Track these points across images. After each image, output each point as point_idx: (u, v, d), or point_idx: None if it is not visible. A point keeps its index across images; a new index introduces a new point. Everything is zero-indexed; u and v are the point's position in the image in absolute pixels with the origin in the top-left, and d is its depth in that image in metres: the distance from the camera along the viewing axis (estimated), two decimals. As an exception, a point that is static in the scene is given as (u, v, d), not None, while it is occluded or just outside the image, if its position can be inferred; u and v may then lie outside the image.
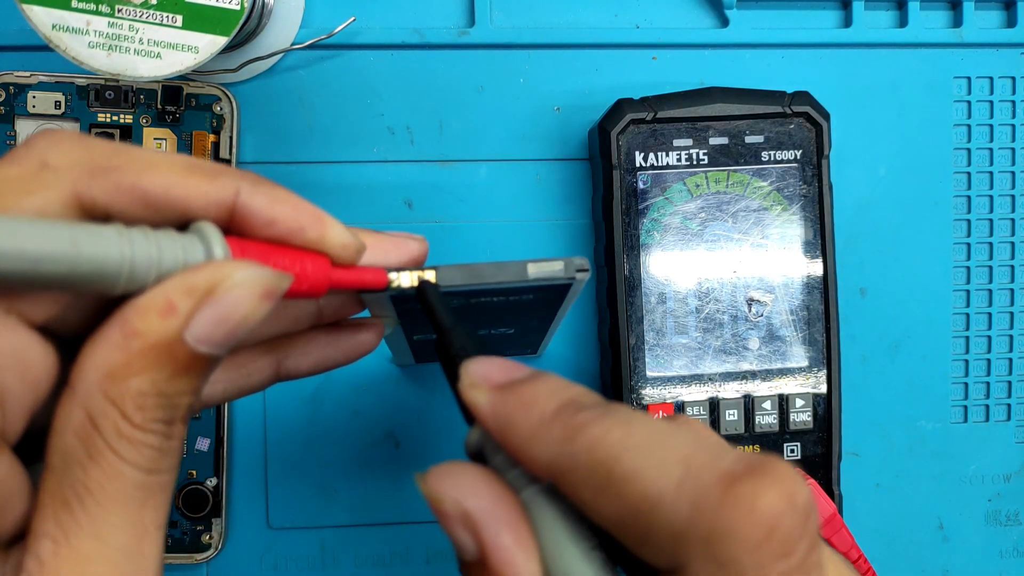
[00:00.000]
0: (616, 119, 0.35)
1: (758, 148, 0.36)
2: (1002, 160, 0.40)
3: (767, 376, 0.36)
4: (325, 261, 0.21)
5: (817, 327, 0.36)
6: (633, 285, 0.35)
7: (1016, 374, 0.40)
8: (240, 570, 0.38)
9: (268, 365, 0.25)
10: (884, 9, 0.40)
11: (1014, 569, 0.41)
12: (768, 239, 0.36)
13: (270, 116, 0.38)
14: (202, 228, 0.19)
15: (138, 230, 0.18)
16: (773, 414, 0.36)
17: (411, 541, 0.39)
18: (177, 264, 0.18)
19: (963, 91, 0.40)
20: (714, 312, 0.36)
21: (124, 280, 0.18)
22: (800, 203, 0.36)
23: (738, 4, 0.38)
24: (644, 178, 0.35)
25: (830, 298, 0.36)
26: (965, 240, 0.40)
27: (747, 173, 0.36)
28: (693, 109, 0.35)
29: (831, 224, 0.36)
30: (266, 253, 0.20)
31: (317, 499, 0.38)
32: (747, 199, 0.36)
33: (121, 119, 0.36)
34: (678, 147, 0.35)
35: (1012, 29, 0.40)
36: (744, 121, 0.35)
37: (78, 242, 0.17)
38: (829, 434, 0.36)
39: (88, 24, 0.30)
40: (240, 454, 0.38)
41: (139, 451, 0.18)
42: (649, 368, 0.35)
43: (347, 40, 0.37)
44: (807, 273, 0.36)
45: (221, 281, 0.18)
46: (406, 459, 0.38)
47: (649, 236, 0.35)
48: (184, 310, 0.18)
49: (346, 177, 0.38)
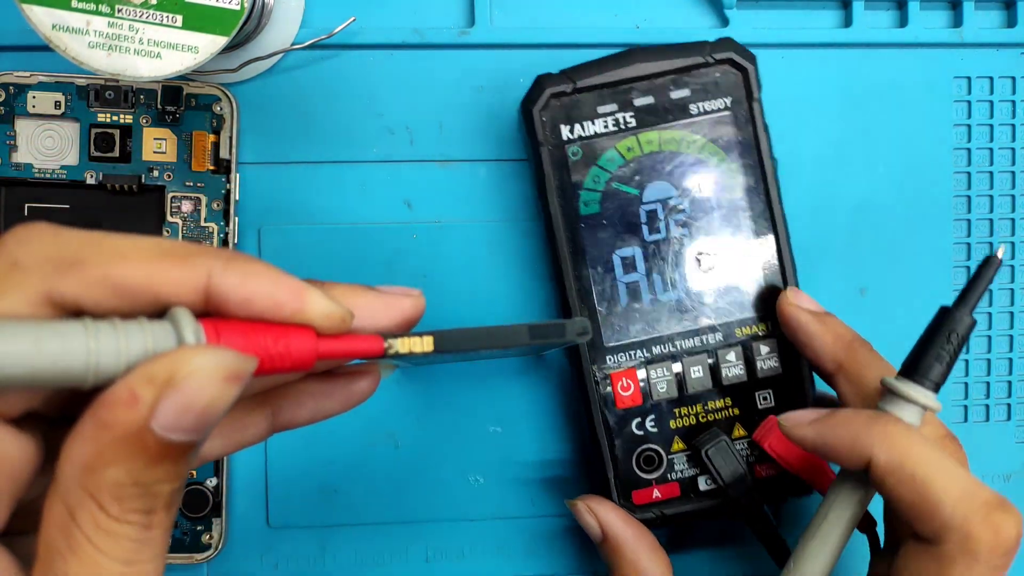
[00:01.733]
0: (536, 96, 0.34)
1: (686, 102, 0.35)
2: (1002, 160, 0.40)
3: (728, 328, 0.35)
4: (311, 333, 0.20)
5: (771, 270, 0.35)
6: (577, 259, 0.35)
7: (1016, 374, 0.40)
8: (240, 570, 0.38)
9: (263, 419, 0.24)
10: (884, 9, 0.40)
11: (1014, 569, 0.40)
12: (710, 191, 0.35)
13: (270, 116, 0.38)
14: (175, 314, 0.19)
15: (106, 323, 0.18)
16: (739, 365, 0.35)
17: (411, 541, 0.39)
18: (146, 354, 0.18)
19: (963, 91, 0.40)
20: (664, 272, 0.35)
21: (92, 375, 0.18)
22: (737, 151, 0.35)
23: (738, 4, 0.38)
24: (573, 150, 0.35)
25: (780, 240, 0.35)
26: (965, 240, 0.40)
27: (678, 129, 0.35)
28: (613, 73, 0.34)
29: (772, 166, 0.35)
30: (246, 332, 0.19)
31: (317, 499, 0.38)
32: (682, 155, 0.35)
33: (121, 119, 0.36)
34: (603, 114, 0.35)
35: (1012, 29, 0.40)
36: (667, 77, 0.35)
37: (41, 342, 0.17)
38: (800, 377, 0.35)
39: (88, 24, 0.30)
40: (240, 454, 0.38)
41: (117, 543, 0.18)
42: (606, 339, 0.35)
43: (347, 40, 0.37)
44: (753, 218, 0.35)
45: (179, 368, 0.18)
46: (406, 459, 0.38)
47: (587, 207, 0.35)
48: (147, 400, 0.18)
49: (346, 177, 0.38)
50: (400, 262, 0.38)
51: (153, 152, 0.36)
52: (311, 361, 0.20)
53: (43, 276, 0.18)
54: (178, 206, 0.36)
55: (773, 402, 0.35)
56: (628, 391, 0.35)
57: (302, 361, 0.20)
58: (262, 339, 0.20)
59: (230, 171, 0.36)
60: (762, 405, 0.35)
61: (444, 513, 0.38)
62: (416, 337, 0.22)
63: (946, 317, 0.29)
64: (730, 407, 0.35)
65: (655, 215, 0.35)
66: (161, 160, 0.36)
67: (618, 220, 0.35)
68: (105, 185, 0.36)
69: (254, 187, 0.37)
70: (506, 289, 0.38)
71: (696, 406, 0.35)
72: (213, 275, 0.19)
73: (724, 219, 0.35)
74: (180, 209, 0.36)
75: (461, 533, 0.39)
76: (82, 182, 0.36)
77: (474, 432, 0.38)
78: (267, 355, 0.20)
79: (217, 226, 0.36)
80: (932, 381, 0.28)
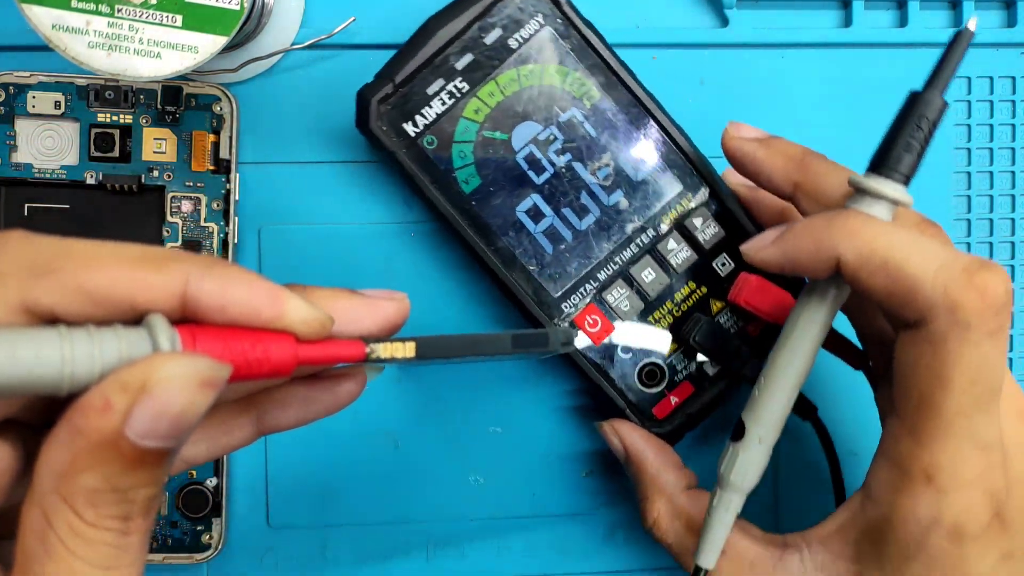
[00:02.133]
0: (365, 110, 0.34)
1: (502, 40, 0.34)
2: (1002, 160, 0.40)
3: (655, 221, 0.35)
4: (290, 339, 0.20)
5: (664, 147, 0.35)
6: (486, 235, 0.35)
7: (1016, 374, 0.40)
8: (240, 570, 0.38)
9: (248, 422, 0.24)
10: (884, 9, 0.40)
11: (1014, 569, 0.41)
12: (567, 108, 0.35)
13: (270, 116, 0.38)
14: (150, 321, 0.19)
15: (81, 330, 0.18)
16: (684, 247, 0.35)
17: (411, 541, 0.39)
18: (120, 361, 0.18)
19: (963, 91, 0.40)
20: (570, 204, 0.35)
21: (67, 382, 0.18)
22: (574, 58, 0.34)
23: (738, 4, 0.38)
24: (428, 140, 0.34)
25: (657, 117, 0.35)
26: (965, 240, 0.40)
27: (510, 68, 0.34)
28: (422, 52, 0.34)
29: (610, 52, 0.34)
30: (224, 338, 0.19)
31: (317, 499, 0.38)
32: (527, 90, 0.34)
33: (121, 119, 0.36)
34: (434, 93, 0.34)
35: (1012, 29, 0.40)
36: (473, 28, 0.34)
37: (16, 350, 0.17)
38: (744, 230, 0.35)
39: (88, 24, 0.30)
40: (240, 454, 0.38)
41: (93, 548, 0.18)
42: (552, 291, 0.35)
43: (347, 40, 0.37)
44: (623, 110, 0.35)
45: (151, 375, 0.18)
46: (406, 459, 0.38)
47: (469, 184, 0.34)
48: (121, 407, 0.18)
49: (345, 177, 0.38)
50: (399, 262, 0.38)
51: (153, 152, 0.36)
52: (291, 367, 0.20)
53: (18, 283, 0.18)
54: (178, 206, 0.36)
55: (732, 263, 0.35)
56: (597, 326, 0.35)
57: (281, 367, 0.20)
58: (239, 345, 0.20)
59: (230, 171, 0.36)
60: (724, 271, 0.35)
61: (444, 513, 0.38)
62: (399, 343, 0.22)
63: (915, 101, 0.26)
64: (696, 289, 0.35)
65: (533, 157, 0.35)
66: (161, 160, 0.36)
67: (503, 180, 0.35)
68: (105, 185, 0.36)
69: (254, 187, 0.37)
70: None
71: (666, 304, 0.35)
72: (190, 281, 0.19)
73: (597, 125, 0.35)
74: (180, 209, 0.36)
75: (461, 533, 0.39)
76: (82, 182, 0.36)
77: (474, 432, 0.38)
78: (245, 361, 0.20)
79: (217, 226, 0.36)
80: (901, 173, 0.26)
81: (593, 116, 0.35)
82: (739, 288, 0.33)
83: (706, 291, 0.35)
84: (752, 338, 0.35)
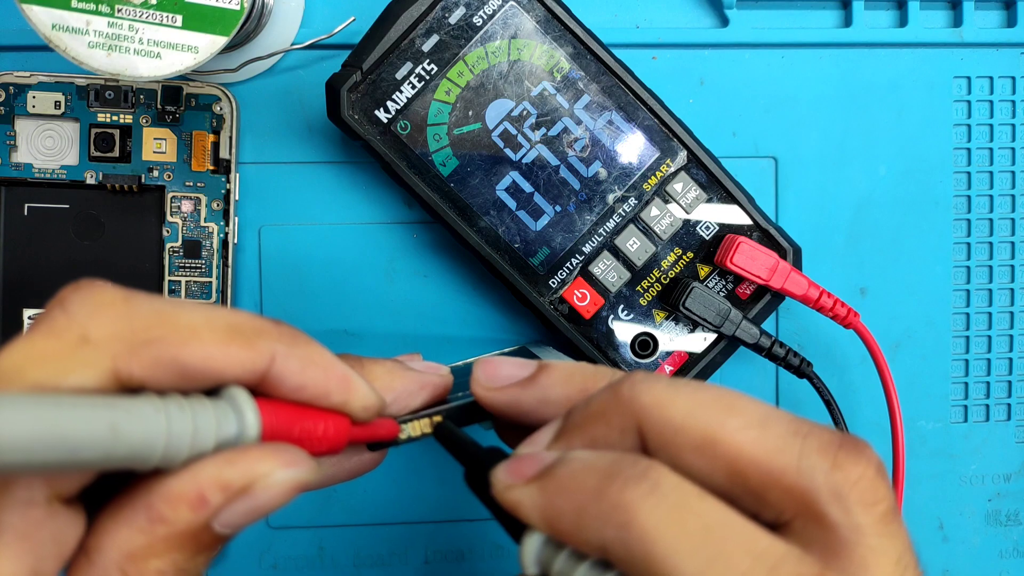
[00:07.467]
0: (335, 101, 0.34)
1: (467, 19, 0.34)
2: (1002, 160, 0.40)
3: (636, 189, 0.35)
4: (346, 421, 0.21)
5: (638, 114, 0.35)
6: (468, 217, 0.35)
7: (1016, 374, 0.40)
8: (240, 570, 0.38)
9: None
10: (884, 9, 0.40)
11: (1014, 569, 0.41)
12: (538, 82, 0.34)
13: (270, 116, 0.37)
14: (235, 396, 0.19)
15: (173, 403, 0.18)
16: (668, 213, 0.35)
17: (410, 541, 0.39)
18: (210, 438, 0.18)
19: (963, 91, 0.40)
20: (549, 179, 0.35)
21: (158, 458, 0.18)
22: (541, 31, 0.34)
23: (738, 4, 0.38)
24: (401, 125, 0.34)
25: (628, 82, 0.34)
26: (965, 240, 0.40)
27: (477, 46, 0.34)
28: (387, 38, 0.33)
29: (575, 21, 0.34)
30: (293, 416, 0.20)
31: (317, 499, 0.38)
32: (497, 66, 0.34)
33: (121, 119, 0.36)
34: (403, 77, 0.34)
35: (1012, 29, 0.40)
36: (436, 9, 0.34)
37: (117, 426, 0.17)
38: (726, 188, 0.35)
39: (88, 24, 0.30)
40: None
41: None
42: (539, 269, 0.35)
43: (347, 40, 0.37)
44: (593, 79, 0.35)
45: (258, 480, 0.18)
46: (406, 459, 0.38)
47: (446, 167, 0.34)
48: (216, 504, 0.18)
49: (345, 177, 0.38)
50: (400, 262, 0.38)
51: (153, 152, 0.36)
52: (343, 447, 0.21)
53: (114, 355, 0.18)
54: (178, 206, 0.36)
55: (716, 226, 0.35)
56: (585, 300, 0.35)
57: (335, 447, 0.21)
58: (307, 424, 0.20)
59: (230, 171, 0.36)
60: (708, 234, 0.35)
61: (444, 513, 0.38)
62: (422, 420, 0.23)
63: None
64: (683, 255, 0.35)
65: (508, 134, 0.34)
66: (161, 160, 0.36)
67: (480, 160, 0.35)
68: (105, 185, 0.36)
69: (254, 187, 0.37)
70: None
71: (653, 273, 0.35)
72: (276, 359, 0.19)
73: (571, 98, 0.35)
74: (180, 209, 0.36)
75: (461, 533, 0.39)
76: (82, 182, 0.36)
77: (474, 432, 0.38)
78: (308, 440, 0.20)
79: (217, 226, 0.36)
80: None
81: (564, 88, 0.35)
82: (726, 251, 0.33)
83: (692, 256, 0.35)
84: (742, 300, 0.35)
